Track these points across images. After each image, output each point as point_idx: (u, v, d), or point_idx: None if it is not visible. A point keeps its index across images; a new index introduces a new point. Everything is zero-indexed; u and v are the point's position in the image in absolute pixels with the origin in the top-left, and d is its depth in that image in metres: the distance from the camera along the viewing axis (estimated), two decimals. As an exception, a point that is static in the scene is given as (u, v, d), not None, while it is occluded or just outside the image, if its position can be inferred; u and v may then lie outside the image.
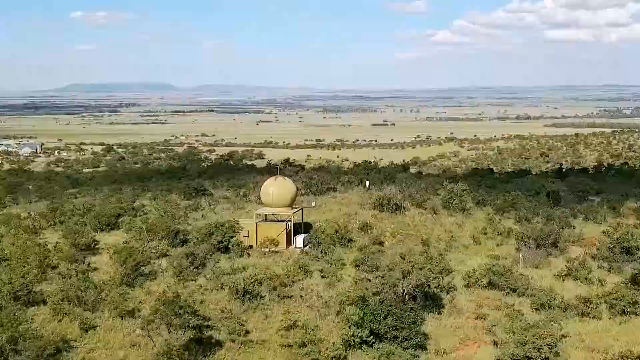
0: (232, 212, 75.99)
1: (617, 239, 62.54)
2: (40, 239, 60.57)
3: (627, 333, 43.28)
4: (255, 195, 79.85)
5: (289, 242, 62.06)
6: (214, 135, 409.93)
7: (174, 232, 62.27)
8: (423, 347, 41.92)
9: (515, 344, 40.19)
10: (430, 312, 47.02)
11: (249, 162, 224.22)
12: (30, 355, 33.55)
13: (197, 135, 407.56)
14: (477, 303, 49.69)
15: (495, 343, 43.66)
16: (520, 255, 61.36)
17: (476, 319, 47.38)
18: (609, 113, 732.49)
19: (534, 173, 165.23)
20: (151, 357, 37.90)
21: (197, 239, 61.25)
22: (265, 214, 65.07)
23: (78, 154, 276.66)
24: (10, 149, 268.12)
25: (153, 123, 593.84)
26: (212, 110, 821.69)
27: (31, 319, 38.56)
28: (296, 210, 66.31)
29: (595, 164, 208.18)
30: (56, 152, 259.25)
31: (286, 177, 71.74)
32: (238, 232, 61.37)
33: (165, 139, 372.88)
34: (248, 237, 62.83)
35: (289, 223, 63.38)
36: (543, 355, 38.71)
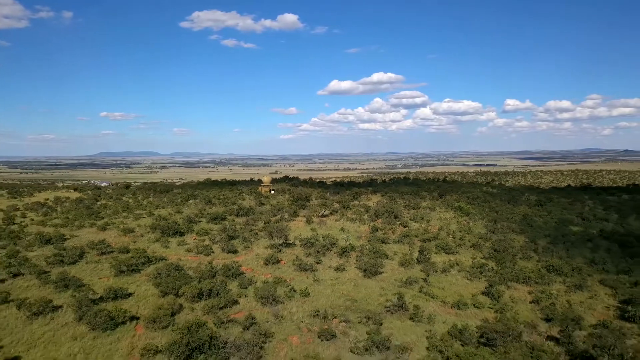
0: (254, 187, 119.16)
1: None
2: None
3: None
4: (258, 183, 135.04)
5: (270, 192, 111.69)
6: (185, 178, 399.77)
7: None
8: (305, 206, 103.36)
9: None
10: (304, 204, 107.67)
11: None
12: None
13: (180, 178, 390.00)
14: (319, 201, 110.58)
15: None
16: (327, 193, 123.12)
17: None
18: (390, 166, 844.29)
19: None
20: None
21: (248, 190, 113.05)
22: (263, 185, 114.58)
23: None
24: (97, 183, 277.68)
25: (151, 172, 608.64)
26: (182, 166, 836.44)
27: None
28: (272, 183, 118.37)
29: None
30: (117, 184, 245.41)
31: (268, 175, 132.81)
32: (259, 189, 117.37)
33: (162, 180, 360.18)
34: (260, 189, 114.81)
35: (270, 187, 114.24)
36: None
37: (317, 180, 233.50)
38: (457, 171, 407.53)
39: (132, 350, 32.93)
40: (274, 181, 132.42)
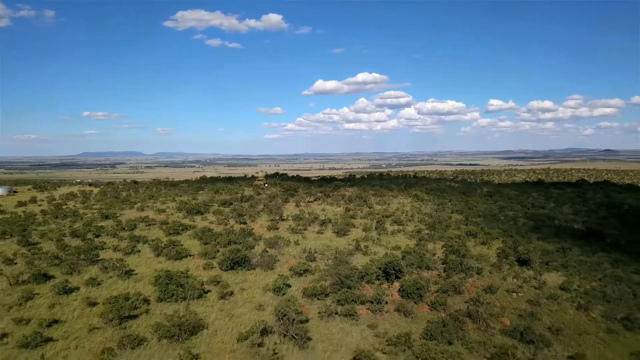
0: (250, 182, 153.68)
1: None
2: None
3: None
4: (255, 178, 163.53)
5: (265, 185, 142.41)
6: (172, 177, 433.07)
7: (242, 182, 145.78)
8: (294, 195, 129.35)
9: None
10: (293, 193, 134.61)
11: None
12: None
13: (167, 178, 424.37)
14: (305, 191, 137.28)
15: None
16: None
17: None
18: (374, 166, 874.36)
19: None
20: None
21: (246, 183, 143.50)
22: (259, 179, 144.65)
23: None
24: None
25: (136, 172, 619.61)
26: (167, 166, 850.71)
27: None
28: (265, 179, 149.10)
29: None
30: (124, 181, 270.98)
31: (263, 171, 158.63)
32: (255, 182, 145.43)
33: (153, 179, 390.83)
34: (256, 182, 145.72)
35: (264, 181, 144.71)
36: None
37: (304, 177, 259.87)
38: (436, 170, 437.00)
39: (197, 267, 57.91)
40: (266, 177, 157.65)
